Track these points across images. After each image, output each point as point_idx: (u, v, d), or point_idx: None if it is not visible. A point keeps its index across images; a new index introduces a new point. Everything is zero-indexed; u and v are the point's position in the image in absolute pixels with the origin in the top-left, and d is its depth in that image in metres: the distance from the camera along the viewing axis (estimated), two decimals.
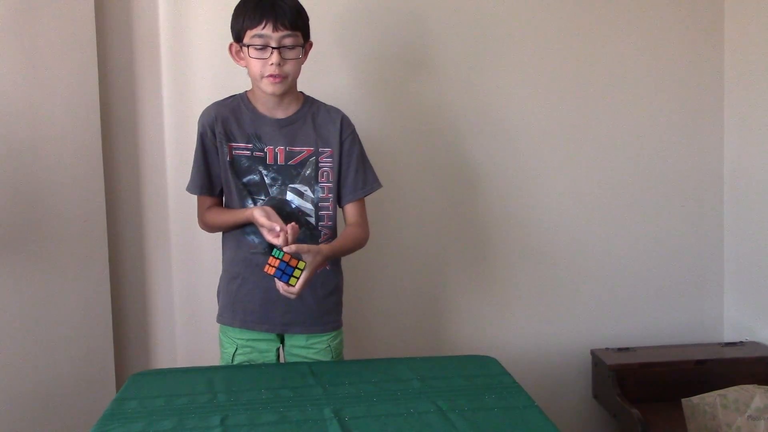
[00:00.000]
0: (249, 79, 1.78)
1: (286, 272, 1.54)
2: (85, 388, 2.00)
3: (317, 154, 1.72)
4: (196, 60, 2.16)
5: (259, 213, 1.58)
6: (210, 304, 2.18)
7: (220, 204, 1.77)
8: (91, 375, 2.04)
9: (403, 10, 2.26)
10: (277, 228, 1.54)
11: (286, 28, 1.61)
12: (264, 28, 1.60)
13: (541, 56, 2.35)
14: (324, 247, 1.63)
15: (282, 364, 1.76)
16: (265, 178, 1.70)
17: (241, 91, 1.78)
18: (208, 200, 1.76)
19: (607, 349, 2.33)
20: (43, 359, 1.90)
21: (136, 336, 2.23)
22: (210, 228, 1.79)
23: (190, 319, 2.23)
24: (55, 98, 1.93)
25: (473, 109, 2.33)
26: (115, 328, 2.15)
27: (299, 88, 1.76)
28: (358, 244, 1.77)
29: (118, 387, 2.07)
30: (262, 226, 1.58)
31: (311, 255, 1.56)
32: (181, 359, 2.23)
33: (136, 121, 2.18)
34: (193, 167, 1.75)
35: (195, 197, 1.79)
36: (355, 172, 1.76)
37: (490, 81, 2.33)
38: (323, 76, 2.15)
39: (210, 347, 2.17)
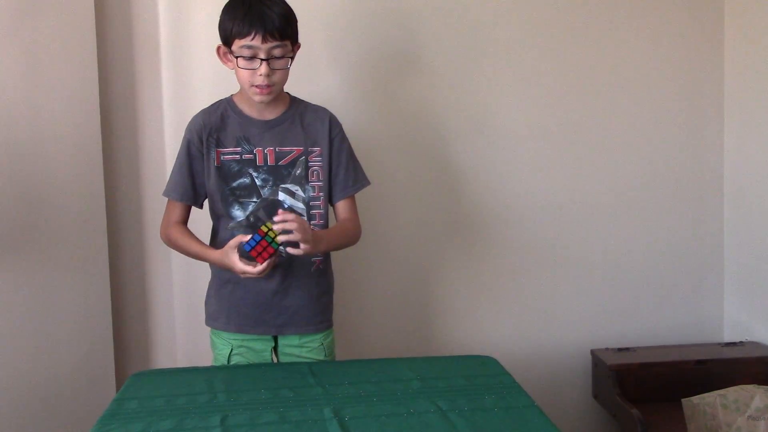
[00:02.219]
0: None
1: (257, 244, 1.53)
2: (85, 388, 2.00)
3: (307, 153, 1.73)
4: (196, 60, 2.16)
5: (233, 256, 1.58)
6: None
7: (187, 218, 1.77)
8: (91, 375, 2.04)
9: (394, 11, 2.26)
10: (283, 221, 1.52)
11: (275, 39, 1.59)
12: (253, 39, 1.58)
13: (536, 56, 2.34)
14: (317, 231, 1.64)
15: (282, 364, 1.76)
16: (256, 180, 1.70)
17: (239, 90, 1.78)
18: (179, 210, 1.75)
19: (607, 349, 2.33)
20: (43, 359, 1.90)
21: (136, 336, 2.23)
22: (171, 245, 1.77)
23: (190, 319, 2.22)
24: (55, 98, 1.93)
25: (466, 109, 2.32)
26: (115, 328, 2.15)
27: (288, 87, 1.75)
28: (349, 236, 1.77)
29: (118, 387, 2.06)
30: (243, 272, 1.59)
31: (302, 232, 1.53)
32: (181, 359, 2.23)
33: (136, 120, 2.18)
34: (173, 174, 1.74)
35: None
36: (345, 170, 1.76)
37: (483, 82, 2.32)
38: (313, 77, 2.15)
39: (210, 347, 2.18)
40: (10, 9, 1.80)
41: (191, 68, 2.17)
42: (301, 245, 1.53)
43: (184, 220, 1.77)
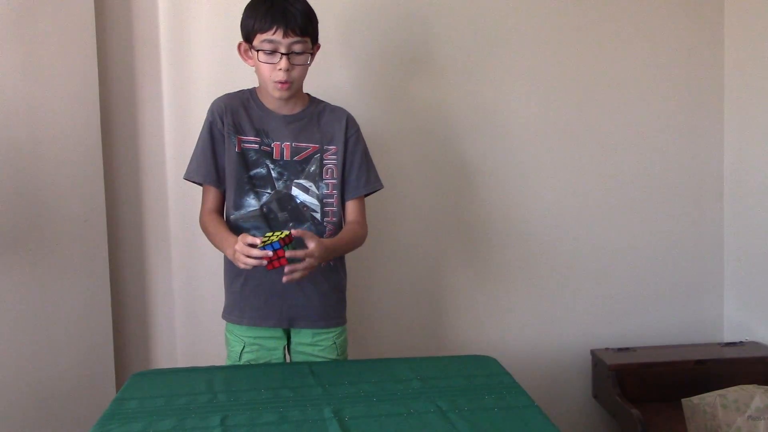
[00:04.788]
0: (250, 79, 1.78)
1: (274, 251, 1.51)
2: (85, 388, 2.00)
3: (322, 151, 1.75)
4: (196, 60, 2.16)
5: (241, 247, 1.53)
6: (210, 304, 2.18)
7: (223, 202, 1.76)
8: (91, 375, 2.04)
9: (404, 10, 2.26)
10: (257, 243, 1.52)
11: (296, 35, 1.62)
12: (274, 33, 1.61)
13: (541, 56, 2.35)
14: (326, 240, 1.65)
15: (282, 363, 1.76)
16: (272, 172, 1.72)
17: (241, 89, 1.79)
18: (213, 194, 1.74)
19: (607, 349, 2.34)
20: (43, 359, 1.90)
21: (136, 336, 2.23)
22: (204, 231, 1.76)
23: (190, 319, 2.23)
24: (55, 98, 1.93)
25: (474, 109, 2.33)
26: (115, 328, 2.15)
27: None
28: (358, 241, 1.79)
29: (118, 387, 2.07)
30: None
31: (314, 242, 1.56)
32: (181, 359, 2.23)
33: (136, 120, 2.18)
34: (196, 155, 1.74)
35: (195, 196, 1.78)
36: (358, 170, 1.78)
37: (491, 81, 2.33)
38: (324, 75, 2.14)
39: (210, 347, 2.17)
40: (10, 9, 1.80)
41: (191, 68, 2.17)
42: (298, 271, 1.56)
43: (218, 207, 1.76)
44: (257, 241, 1.52)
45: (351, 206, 1.79)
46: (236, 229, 1.71)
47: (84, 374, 2.01)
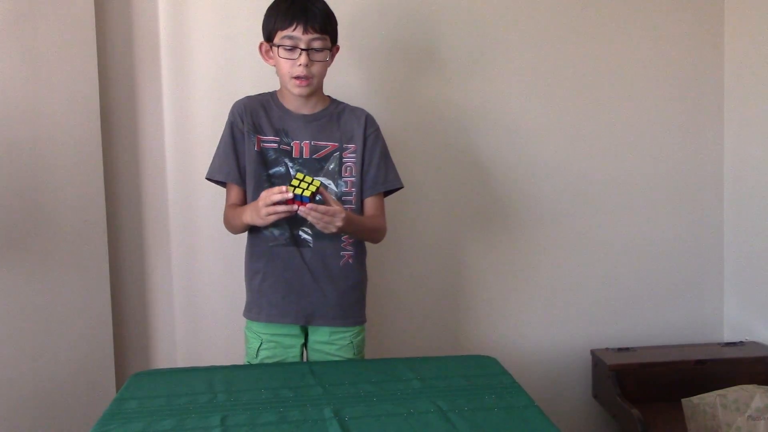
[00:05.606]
0: (251, 79, 1.79)
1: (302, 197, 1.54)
2: (85, 388, 2.00)
3: (341, 149, 1.77)
4: (196, 60, 2.16)
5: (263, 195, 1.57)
6: (210, 304, 2.19)
7: (244, 201, 1.78)
8: (91, 375, 2.04)
9: (412, 10, 2.27)
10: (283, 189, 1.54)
11: (316, 32, 1.65)
12: (294, 30, 1.65)
13: (544, 56, 2.35)
14: (349, 213, 1.66)
15: (281, 363, 1.76)
16: (291, 170, 1.74)
17: (242, 90, 1.81)
18: (236, 192, 1.77)
19: (607, 349, 2.34)
20: (43, 360, 1.90)
21: (136, 336, 2.23)
22: (227, 225, 1.78)
23: (190, 319, 2.22)
24: (55, 98, 1.93)
25: (479, 108, 2.33)
26: (115, 328, 2.15)
27: None
28: (379, 232, 1.80)
29: (118, 387, 2.07)
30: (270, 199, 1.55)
31: (339, 205, 1.59)
32: (181, 359, 2.23)
33: (136, 120, 2.18)
34: (218, 155, 1.77)
35: (196, 196, 1.78)
36: (376, 168, 1.79)
37: (494, 80, 2.33)
38: (332, 74, 2.15)
39: (210, 347, 2.18)
40: (10, 9, 1.80)
41: (191, 68, 2.17)
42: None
43: (241, 204, 1.77)
44: (285, 191, 1.53)
45: (369, 203, 1.81)
46: (258, 228, 1.73)
47: (84, 374, 2.01)
